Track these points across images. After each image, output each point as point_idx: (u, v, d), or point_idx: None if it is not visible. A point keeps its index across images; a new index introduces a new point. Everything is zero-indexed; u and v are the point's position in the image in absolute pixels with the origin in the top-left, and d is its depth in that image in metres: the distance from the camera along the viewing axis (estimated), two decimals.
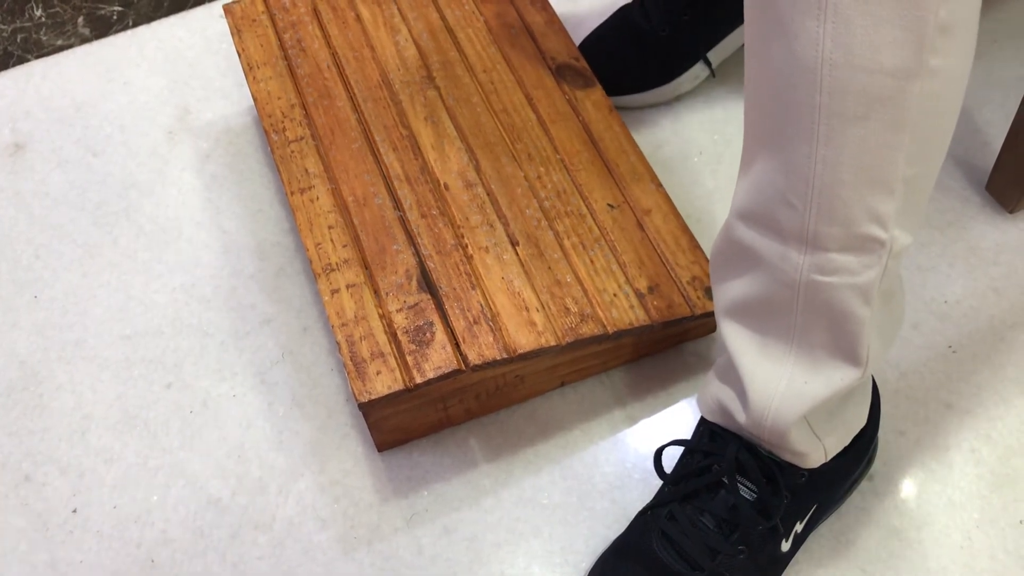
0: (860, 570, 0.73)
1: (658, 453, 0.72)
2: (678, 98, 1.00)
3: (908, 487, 0.77)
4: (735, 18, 0.97)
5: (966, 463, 0.78)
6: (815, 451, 0.66)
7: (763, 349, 0.62)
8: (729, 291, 0.63)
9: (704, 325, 0.84)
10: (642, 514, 0.72)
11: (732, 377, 0.65)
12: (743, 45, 0.99)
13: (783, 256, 0.57)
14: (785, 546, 0.69)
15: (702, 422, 0.71)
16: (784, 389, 0.62)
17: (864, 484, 0.76)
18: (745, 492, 0.67)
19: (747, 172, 0.59)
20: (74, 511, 0.79)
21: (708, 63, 0.98)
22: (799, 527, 0.70)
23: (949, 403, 0.81)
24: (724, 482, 0.67)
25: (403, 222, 0.80)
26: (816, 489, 0.69)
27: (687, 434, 0.80)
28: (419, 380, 0.71)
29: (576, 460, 0.80)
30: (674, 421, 0.81)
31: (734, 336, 0.64)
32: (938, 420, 0.80)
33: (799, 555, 0.72)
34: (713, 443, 0.69)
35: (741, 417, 0.65)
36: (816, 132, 0.52)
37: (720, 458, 0.67)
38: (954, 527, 0.75)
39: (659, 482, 0.78)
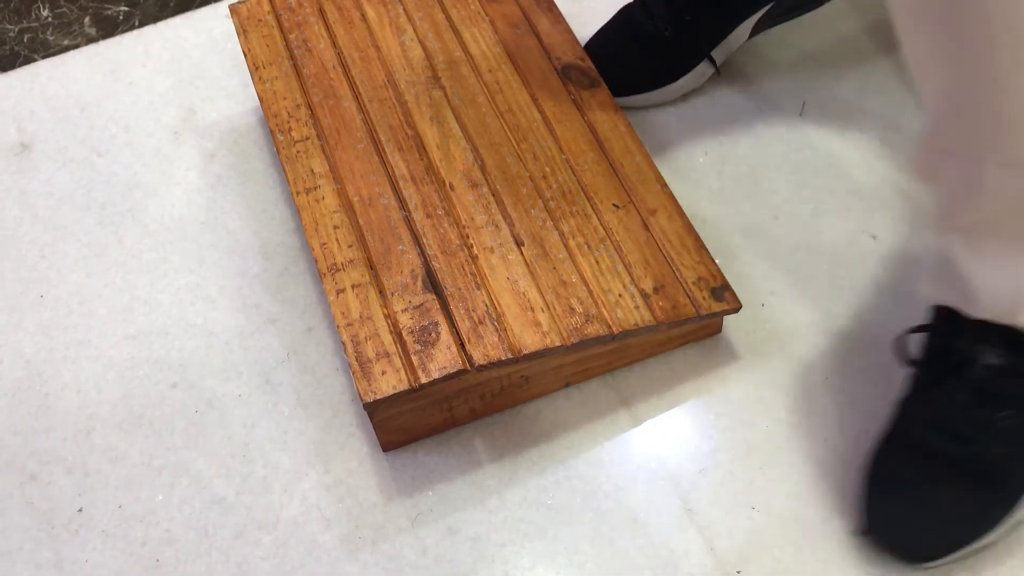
0: None
1: (900, 341, 0.74)
2: (684, 98, 1.00)
3: None
4: (737, 15, 0.96)
5: None
6: None
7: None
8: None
9: (709, 326, 0.84)
10: (899, 407, 0.74)
11: (956, 283, 0.69)
12: (747, 41, 0.99)
13: None
14: None
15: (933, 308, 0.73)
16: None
17: None
18: (994, 359, 0.70)
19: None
20: (79, 510, 0.79)
21: (712, 61, 0.97)
22: None
23: None
24: (975, 356, 0.70)
25: (408, 222, 0.80)
26: None
27: (692, 434, 0.80)
28: (424, 380, 0.71)
29: (581, 461, 0.80)
30: (680, 422, 0.81)
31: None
32: None
33: None
34: (951, 323, 0.71)
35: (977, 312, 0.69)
36: None
37: (961, 335, 0.71)
38: None
39: (664, 481, 0.78)
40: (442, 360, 0.72)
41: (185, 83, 1.06)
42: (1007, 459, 0.71)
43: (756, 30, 0.99)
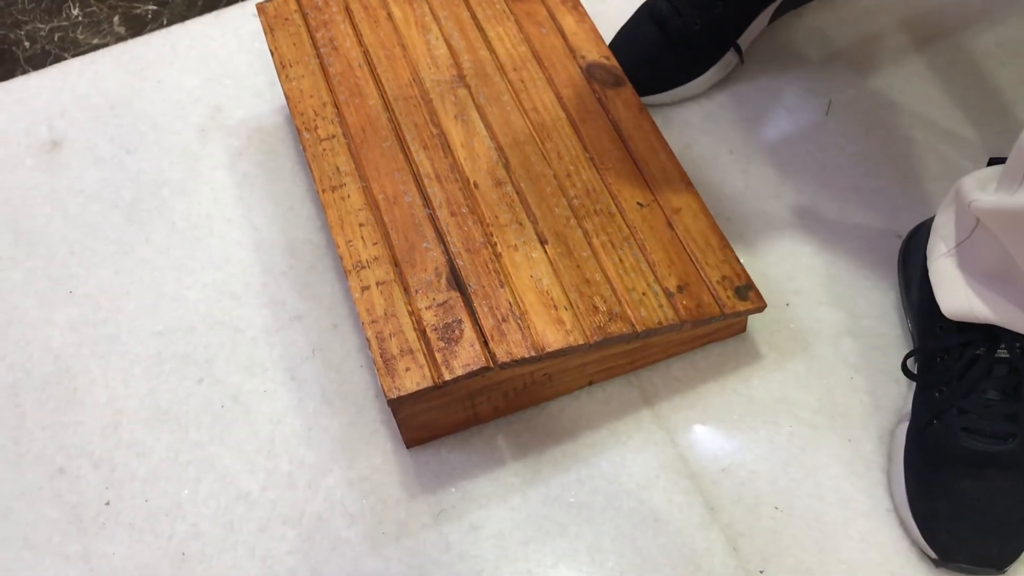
0: None
1: (905, 361, 0.77)
2: (709, 96, 1.00)
3: None
4: (761, 3, 0.96)
5: None
6: None
7: None
8: None
9: (733, 325, 0.84)
10: (922, 430, 0.75)
11: (1012, 292, 0.70)
12: (769, 24, 0.99)
13: None
14: None
15: (940, 324, 0.76)
16: None
17: None
18: (1019, 350, 0.72)
19: None
20: (107, 504, 0.80)
21: (738, 49, 0.97)
22: None
23: None
24: (1000, 356, 0.72)
25: (433, 220, 0.81)
26: None
27: (715, 433, 0.80)
28: (447, 377, 0.72)
29: (603, 459, 0.80)
30: (703, 421, 0.81)
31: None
32: None
33: None
34: (966, 333, 0.74)
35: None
36: None
37: (983, 341, 0.73)
38: None
39: (687, 480, 0.78)
40: (466, 357, 0.72)
41: (212, 81, 1.07)
42: None
43: (776, 14, 0.99)
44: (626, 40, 0.99)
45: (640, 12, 1.00)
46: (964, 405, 0.73)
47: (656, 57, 0.97)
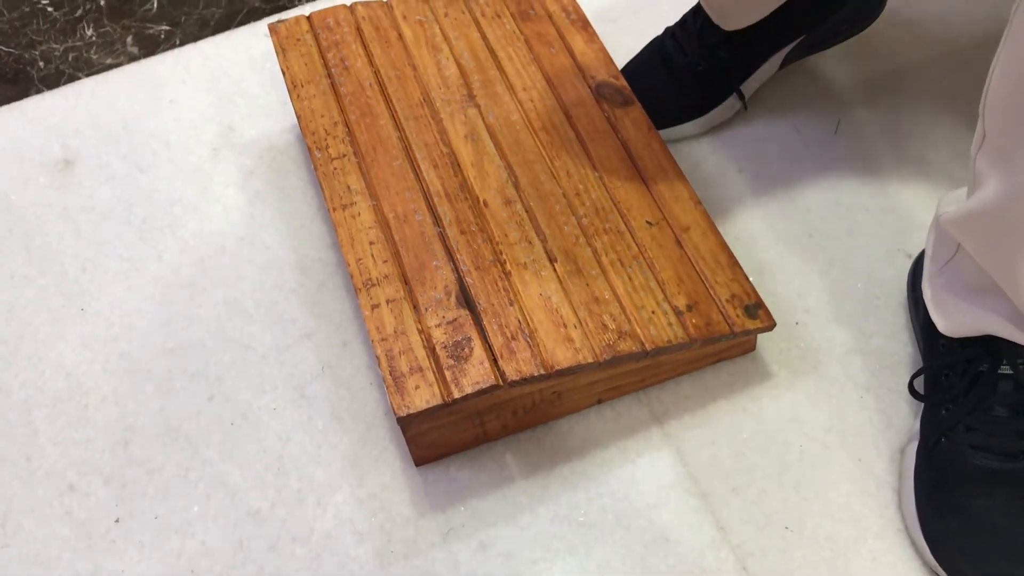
0: None
1: (912, 382, 0.77)
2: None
3: None
4: (769, 49, 0.97)
5: None
6: None
7: None
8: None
9: (743, 344, 0.84)
10: (931, 449, 0.75)
11: (1002, 307, 0.70)
12: (780, 69, 1.00)
13: None
14: None
15: (941, 342, 0.76)
16: None
17: None
18: (1022, 367, 0.72)
19: None
20: (116, 521, 0.80)
21: (741, 95, 0.98)
22: None
23: None
24: (1003, 373, 0.72)
25: (443, 238, 0.81)
26: None
27: (725, 452, 0.80)
28: (457, 395, 0.72)
29: (613, 478, 0.80)
30: (712, 440, 0.81)
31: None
32: None
33: None
34: (968, 349, 0.74)
35: (1022, 339, 0.70)
36: None
37: (986, 358, 0.73)
38: None
39: (697, 499, 0.77)
40: (475, 375, 0.73)
41: (225, 101, 1.08)
42: None
43: (787, 61, 0.99)
44: (632, 74, 0.99)
45: (649, 48, 1.01)
46: (971, 422, 0.73)
47: (660, 94, 0.97)
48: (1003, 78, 0.60)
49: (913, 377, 0.77)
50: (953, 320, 0.74)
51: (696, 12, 0.97)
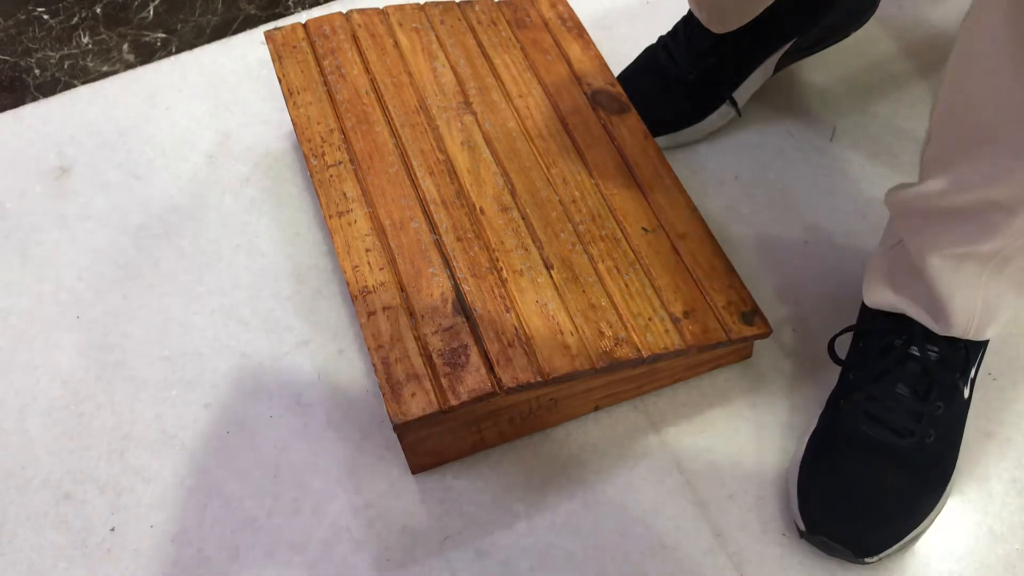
0: None
1: (831, 343, 0.79)
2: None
3: (947, 516, 0.76)
4: (761, 53, 0.97)
5: (1007, 493, 0.77)
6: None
7: (958, 275, 0.69)
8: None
9: (740, 350, 0.84)
10: (833, 408, 0.77)
11: (919, 293, 0.73)
12: (772, 76, 1.00)
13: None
14: (966, 392, 0.76)
15: (869, 310, 0.79)
16: (982, 306, 0.71)
17: None
18: (934, 354, 0.74)
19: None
20: (112, 529, 0.80)
21: (734, 103, 0.98)
22: (972, 372, 0.77)
23: (989, 432, 0.80)
24: (912, 353, 0.74)
25: (439, 246, 0.81)
26: None
27: (722, 459, 0.80)
28: (453, 402, 0.72)
29: (610, 485, 0.79)
30: (709, 447, 0.81)
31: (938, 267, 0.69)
32: (978, 449, 0.79)
33: None
34: (890, 321, 0.76)
35: (932, 325, 0.73)
36: None
37: (902, 334, 0.75)
38: (995, 558, 0.74)
39: (694, 506, 0.77)
40: (471, 383, 0.72)
41: (221, 108, 1.08)
42: (937, 451, 0.74)
43: (780, 65, 0.99)
44: (627, 82, 0.99)
45: (642, 56, 1.01)
46: (873, 391, 0.75)
47: (655, 101, 0.97)
48: (947, 98, 0.63)
49: (833, 339, 0.80)
50: (876, 290, 0.77)
51: (687, 21, 0.97)
